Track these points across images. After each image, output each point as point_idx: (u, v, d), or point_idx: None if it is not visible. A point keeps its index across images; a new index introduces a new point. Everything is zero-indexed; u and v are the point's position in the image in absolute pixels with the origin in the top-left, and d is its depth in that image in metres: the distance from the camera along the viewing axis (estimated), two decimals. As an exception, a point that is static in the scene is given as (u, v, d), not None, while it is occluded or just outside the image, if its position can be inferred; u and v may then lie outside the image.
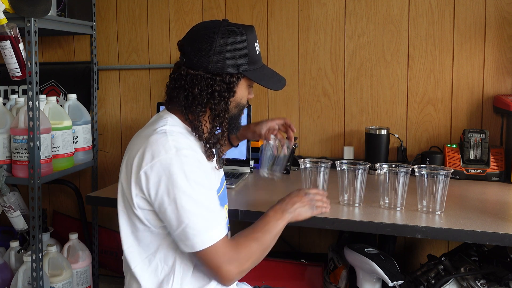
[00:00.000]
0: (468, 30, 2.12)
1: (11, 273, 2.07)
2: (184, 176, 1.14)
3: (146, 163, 1.16)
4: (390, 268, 1.64)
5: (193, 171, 1.16)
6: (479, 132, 1.97)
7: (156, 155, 1.15)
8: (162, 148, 1.16)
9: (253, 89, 1.41)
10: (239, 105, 1.31)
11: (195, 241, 1.14)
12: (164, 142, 1.17)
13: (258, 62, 1.31)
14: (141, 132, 1.28)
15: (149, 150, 1.17)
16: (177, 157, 1.15)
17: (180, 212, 1.14)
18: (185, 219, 1.14)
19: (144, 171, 1.16)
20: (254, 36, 1.31)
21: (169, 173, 1.14)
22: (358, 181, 1.56)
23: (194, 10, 2.48)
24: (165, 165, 1.14)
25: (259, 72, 1.32)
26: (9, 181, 1.94)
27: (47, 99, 2.07)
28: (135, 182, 1.18)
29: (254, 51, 1.29)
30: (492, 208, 1.59)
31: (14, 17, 1.84)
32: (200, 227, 1.15)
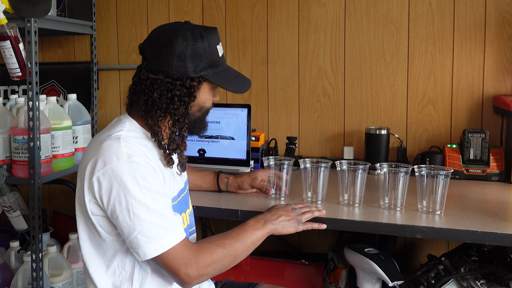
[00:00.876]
0: (468, 30, 2.12)
1: (11, 273, 2.07)
2: (136, 183, 1.14)
3: (98, 169, 1.15)
4: (390, 268, 1.64)
5: (145, 178, 1.15)
6: (479, 132, 1.97)
7: (108, 162, 1.15)
8: (114, 155, 1.15)
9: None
10: (202, 108, 1.30)
11: (147, 248, 1.14)
12: (117, 149, 1.16)
13: (220, 64, 1.29)
14: (98, 136, 1.27)
15: (101, 157, 1.16)
16: (129, 164, 1.14)
17: (132, 220, 1.13)
18: (137, 227, 1.13)
19: (97, 178, 1.15)
20: (216, 38, 1.27)
21: (120, 180, 1.13)
22: (358, 181, 1.56)
23: (194, 10, 2.48)
24: (117, 172, 1.14)
25: (222, 75, 1.29)
26: (9, 181, 1.94)
27: (47, 99, 2.07)
28: (88, 188, 1.17)
29: (216, 53, 1.26)
30: (492, 208, 1.59)
31: (14, 17, 1.84)
32: (152, 234, 1.14)
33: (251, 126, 2.09)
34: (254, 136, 2.21)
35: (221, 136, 2.12)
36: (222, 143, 2.12)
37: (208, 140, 2.14)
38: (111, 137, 1.20)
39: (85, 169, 1.18)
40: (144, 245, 1.13)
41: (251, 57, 2.41)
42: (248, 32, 2.41)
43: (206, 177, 1.74)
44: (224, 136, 2.11)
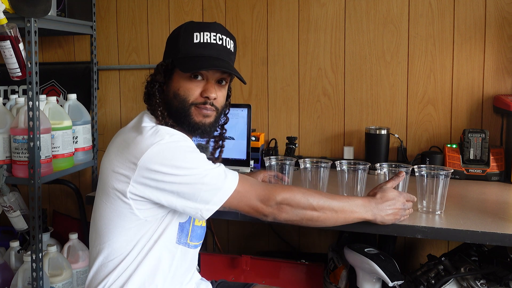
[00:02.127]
0: (468, 30, 2.12)
1: (11, 273, 2.07)
2: (184, 154, 1.20)
3: (142, 153, 1.18)
4: (390, 268, 1.64)
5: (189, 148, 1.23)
6: (479, 132, 1.97)
7: (150, 144, 1.18)
8: (155, 137, 1.20)
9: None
10: (177, 95, 1.30)
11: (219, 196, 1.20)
12: (155, 132, 1.21)
13: (193, 51, 1.29)
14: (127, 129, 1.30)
15: (142, 142, 1.19)
16: (171, 142, 1.20)
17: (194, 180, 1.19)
18: (203, 181, 1.19)
19: (144, 161, 1.17)
20: (199, 26, 1.31)
21: (170, 156, 1.18)
22: (358, 181, 1.56)
23: (194, 10, 2.48)
24: (163, 149, 1.18)
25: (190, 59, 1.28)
26: (9, 181, 1.94)
27: (47, 99, 2.07)
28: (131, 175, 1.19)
29: (188, 39, 1.29)
30: (492, 208, 1.59)
31: (14, 17, 1.84)
32: (218, 180, 1.21)
33: (251, 126, 2.09)
34: (254, 136, 2.21)
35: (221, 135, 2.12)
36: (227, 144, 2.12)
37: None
38: (145, 126, 1.25)
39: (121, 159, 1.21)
40: (215, 194, 1.20)
41: (251, 57, 2.41)
42: (248, 32, 2.41)
43: None
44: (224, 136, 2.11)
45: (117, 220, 1.25)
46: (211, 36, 1.30)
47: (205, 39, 1.29)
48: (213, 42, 1.30)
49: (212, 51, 1.30)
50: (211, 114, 1.33)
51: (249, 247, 2.43)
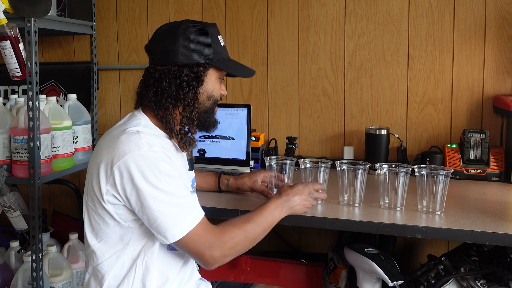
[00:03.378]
0: (468, 30, 2.12)
1: (11, 273, 2.07)
2: (158, 171, 1.18)
3: (118, 159, 1.18)
4: (390, 268, 1.64)
5: (164, 165, 1.20)
6: (479, 132, 1.97)
7: (128, 152, 1.18)
8: (134, 145, 1.19)
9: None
10: (211, 97, 1.35)
11: (176, 230, 1.19)
12: (136, 140, 1.20)
13: (224, 54, 1.37)
14: (112, 131, 1.30)
15: (120, 148, 1.19)
16: (149, 153, 1.19)
17: (157, 206, 1.18)
18: (163, 211, 1.18)
19: (118, 167, 1.18)
20: (216, 29, 1.36)
21: (142, 169, 1.17)
22: (358, 181, 1.56)
23: (194, 10, 2.48)
24: (138, 160, 1.17)
25: (226, 62, 1.36)
26: (9, 181, 1.94)
27: (47, 99, 2.07)
28: (106, 179, 1.20)
29: (218, 43, 1.34)
30: (492, 208, 1.59)
31: (14, 17, 1.84)
32: (177, 216, 1.19)
33: (251, 126, 2.09)
34: (254, 136, 2.21)
35: (221, 136, 2.12)
36: (222, 143, 2.12)
37: (208, 140, 2.14)
38: (129, 131, 1.24)
39: (100, 162, 1.21)
40: (172, 227, 1.19)
41: (251, 57, 2.41)
42: (248, 32, 2.41)
43: (207, 178, 1.75)
44: (224, 136, 2.12)
45: (101, 222, 1.26)
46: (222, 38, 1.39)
47: (223, 42, 1.38)
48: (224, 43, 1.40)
49: (227, 53, 1.40)
50: None
51: (249, 247, 2.43)
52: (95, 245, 1.28)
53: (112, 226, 1.25)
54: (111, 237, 1.26)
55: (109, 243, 1.27)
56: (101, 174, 1.21)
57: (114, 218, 1.24)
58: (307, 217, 1.49)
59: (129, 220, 1.24)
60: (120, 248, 1.27)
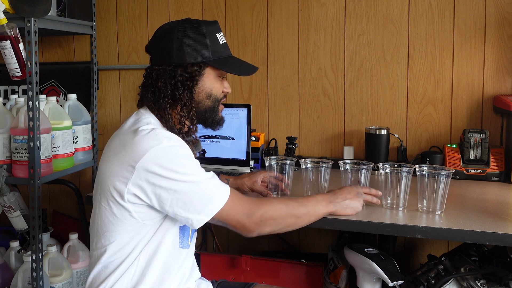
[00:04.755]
0: (468, 30, 2.12)
1: (11, 273, 2.07)
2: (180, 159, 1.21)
3: (140, 157, 1.18)
4: (390, 268, 1.64)
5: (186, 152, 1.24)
6: (479, 132, 1.97)
7: (149, 148, 1.19)
8: (154, 140, 1.20)
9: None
10: (210, 96, 1.35)
11: (214, 203, 1.22)
12: (154, 135, 1.21)
13: (222, 52, 1.35)
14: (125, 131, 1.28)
15: (140, 145, 1.19)
16: (169, 146, 1.20)
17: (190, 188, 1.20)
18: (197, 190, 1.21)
19: (141, 165, 1.18)
20: (215, 27, 1.35)
21: (165, 162, 1.18)
22: (361, 181, 1.56)
23: (194, 10, 2.48)
24: (160, 155, 1.18)
25: (224, 60, 1.35)
26: (9, 181, 1.94)
27: (47, 99, 2.07)
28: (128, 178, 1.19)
29: (215, 41, 1.33)
30: (492, 208, 1.59)
31: (14, 17, 1.84)
32: (211, 191, 1.23)
33: (251, 126, 2.09)
34: (254, 136, 2.21)
35: (221, 136, 2.12)
36: (222, 143, 2.12)
37: (208, 140, 2.14)
38: (144, 129, 1.24)
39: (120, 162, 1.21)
40: (209, 202, 1.21)
41: (251, 57, 2.41)
42: (248, 32, 2.41)
43: None
44: (224, 136, 2.12)
45: (116, 222, 1.25)
46: (222, 35, 1.38)
47: (223, 40, 1.37)
48: (225, 41, 1.38)
49: (229, 51, 1.39)
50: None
51: (249, 247, 2.43)
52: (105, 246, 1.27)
53: (127, 225, 1.24)
54: (123, 237, 1.26)
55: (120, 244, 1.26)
56: (122, 174, 1.20)
57: (133, 216, 1.23)
58: (307, 217, 1.49)
59: (146, 219, 1.25)
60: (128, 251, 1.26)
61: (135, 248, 1.26)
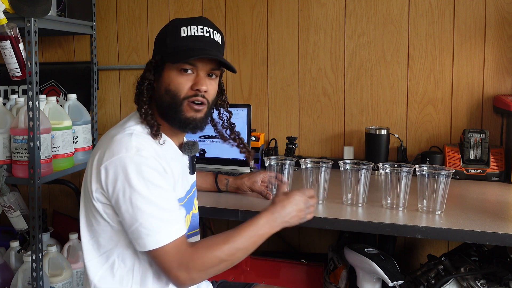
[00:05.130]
0: (468, 30, 2.12)
1: (11, 273, 2.07)
2: (141, 176, 1.16)
3: (106, 159, 1.18)
4: (390, 268, 1.64)
5: (150, 172, 1.17)
6: (479, 132, 1.97)
7: (117, 153, 1.17)
8: (123, 147, 1.18)
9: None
10: (168, 91, 1.28)
11: (147, 240, 1.15)
12: (127, 142, 1.19)
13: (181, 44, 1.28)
14: (111, 130, 1.30)
15: (111, 148, 1.19)
16: (136, 157, 1.17)
17: (134, 211, 1.15)
18: (139, 218, 1.15)
19: (104, 166, 1.18)
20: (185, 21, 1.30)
21: (126, 172, 1.16)
22: (361, 181, 1.56)
23: (194, 10, 2.48)
24: (124, 163, 1.16)
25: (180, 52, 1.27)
26: (9, 181, 1.94)
27: (47, 99, 2.07)
28: (96, 177, 1.20)
29: (176, 34, 1.28)
30: (492, 208, 1.59)
31: (14, 17, 1.84)
32: (153, 227, 1.15)
33: (251, 126, 2.09)
34: (254, 136, 2.21)
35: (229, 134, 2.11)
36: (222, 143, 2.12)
37: (208, 140, 2.14)
38: (125, 131, 1.23)
39: (94, 159, 1.22)
40: (145, 236, 1.15)
41: (251, 57, 2.41)
42: (248, 32, 2.41)
43: (206, 178, 1.75)
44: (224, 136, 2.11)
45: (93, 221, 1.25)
46: (198, 29, 1.29)
47: (192, 32, 1.28)
48: (200, 34, 1.29)
49: (200, 43, 1.29)
50: (202, 109, 1.30)
51: (249, 247, 2.42)
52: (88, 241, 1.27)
53: (102, 225, 1.24)
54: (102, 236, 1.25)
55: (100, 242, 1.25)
56: (93, 172, 1.21)
57: (103, 217, 1.22)
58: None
59: (116, 222, 1.22)
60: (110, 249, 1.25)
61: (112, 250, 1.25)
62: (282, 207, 1.30)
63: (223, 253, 1.19)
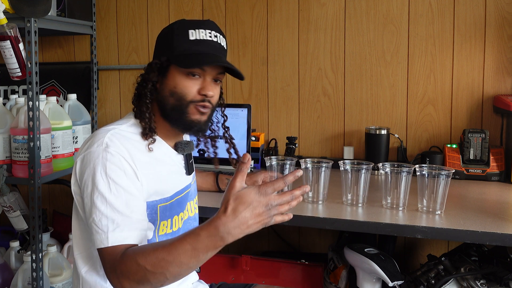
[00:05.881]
0: (468, 30, 2.12)
1: (11, 273, 2.07)
2: (104, 173, 1.15)
3: (81, 152, 1.21)
4: (390, 268, 1.64)
5: (114, 170, 1.15)
6: (479, 132, 1.97)
7: (89, 147, 1.19)
8: (96, 142, 1.19)
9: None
10: (174, 93, 1.27)
11: (95, 237, 1.13)
12: (101, 137, 1.20)
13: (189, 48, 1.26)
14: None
15: (88, 142, 1.21)
16: (103, 153, 1.17)
17: (91, 207, 1.14)
18: (93, 215, 1.14)
19: (79, 159, 1.20)
20: (193, 24, 1.28)
21: (92, 166, 1.16)
22: (361, 181, 1.56)
23: (194, 10, 2.48)
24: (92, 157, 1.17)
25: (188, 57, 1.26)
26: (9, 181, 1.94)
27: (47, 99, 2.07)
28: (73, 169, 1.22)
29: (183, 37, 1.26)
30: (492, 208, 1.59)
31: (14, 17, 1.84)
32: (102, 226, 1.12)
33: (251, 126, 2.09)
34: (254, 136, 2.21)
35: (221, 136, 2.12)
36: (222, 143, 2.12)
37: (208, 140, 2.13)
38: (107, 128, 1.24)
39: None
40: (94, 233, 1.14)
41: (251, 57, 2.41)
42: (248, 32, 2.41)
43: (207, 178, 1.75)
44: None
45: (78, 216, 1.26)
46: (206, 33, 1.28)
47: (200, 36, 1.27)
48: (208, 38, 1.28)
49: (208, 48, 1.28)
50: (206, 112, 1.30)
51: (249, 247, 2.43)
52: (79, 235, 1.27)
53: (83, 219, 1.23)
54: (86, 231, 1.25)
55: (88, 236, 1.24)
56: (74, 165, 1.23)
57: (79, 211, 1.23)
58: (307, 217, 1.49)
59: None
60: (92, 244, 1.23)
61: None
62: (234, 213, 0.99)
63: (148, 263, 1.03)
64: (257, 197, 1.00)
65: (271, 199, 1.01)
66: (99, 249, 1.13)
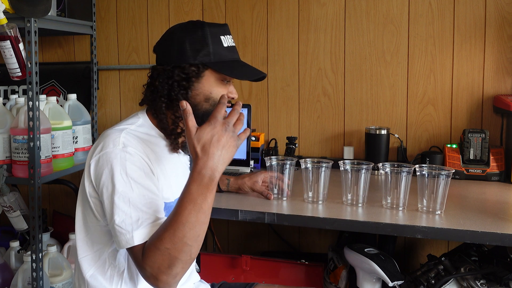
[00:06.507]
0: (468, 30, 2.12)
1: (11, 273, 2.07)
2: (124, 173, 1.15)
3: (96, 153, 1.19)
4: (390, 268, 1.64)
5: (134, 169, 1.16)
6: (479, 132, 1.97)
7: (105, 148, 1.18)
8: (111, 142, 1.18)
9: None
10: (209, 99, 1.29)
11: (121, 239, 1.12)
12: (116, 137, 1.19)
13: (225, 55, 1.31)
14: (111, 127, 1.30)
15: (101, 142, 1.20)
16: (122, 153, 1.17)
17: (113, 208, 1.14)
18: (115, 216, 1.13)
19: (94, 160, 1.19)
20: (221, 29, 1.33)
21: (110, 167, 1.16)
22: (361, 181, 1.56)
23: (194, 10, 2.48)
24: (109, 158, 1.16)
25: (225, 63, 1.30)
26: (9, 181, 1.94)
27: (47, 99, 2.07)
28: (87, 171, 1.21)
29: (218, 43, 1.30)
30: (492, 208, 1.59)
31: (14, 17, 1.84)
32: (126, 226, 1.12)
33: (251, 126, 2.09)
34: (254, 136, 2.21)
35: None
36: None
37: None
38: (117, 129, 1.24)
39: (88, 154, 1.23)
40: (119, 235, 1.13)
41: (251, 57, 2.41)
42: (248, 32, 2.41)
43: None
44: (224, 136, 2.11)
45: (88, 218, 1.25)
46: (230, 38, 1.35)
47: (229, 43, 1.33)
48: (233, 45, 1.35)
49: (236, 55, 1.35)
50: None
51: (249, 247, 2.43)
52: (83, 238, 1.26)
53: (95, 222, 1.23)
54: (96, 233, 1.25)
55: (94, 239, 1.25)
56: (86, 167, 1.22)
57: (95, 214, 1.22)
58: (307, 217, 1.49)
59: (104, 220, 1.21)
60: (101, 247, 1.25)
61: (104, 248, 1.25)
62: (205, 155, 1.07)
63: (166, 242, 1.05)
64: (213, 129, 1.09)
65: (224, 123, 1.10)
66: (129, 249, 1.13)
